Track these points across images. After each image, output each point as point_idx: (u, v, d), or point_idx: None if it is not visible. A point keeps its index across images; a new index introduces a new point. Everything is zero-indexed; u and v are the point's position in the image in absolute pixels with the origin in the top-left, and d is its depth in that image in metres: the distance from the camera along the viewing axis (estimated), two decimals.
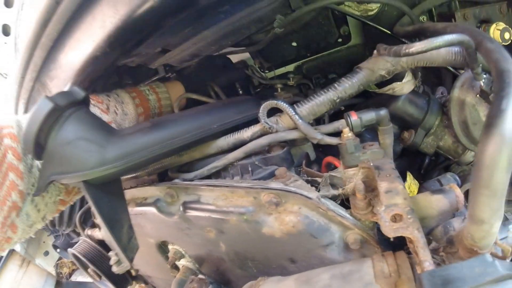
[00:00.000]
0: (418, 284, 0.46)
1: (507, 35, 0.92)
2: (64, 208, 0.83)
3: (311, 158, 0.91)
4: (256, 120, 0.88)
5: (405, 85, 0.93)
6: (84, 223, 1.48)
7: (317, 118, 0.91)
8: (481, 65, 0.71)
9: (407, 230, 0.51)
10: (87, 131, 0.67)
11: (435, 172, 1.17)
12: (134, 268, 1.23)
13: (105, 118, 0.86)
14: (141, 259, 1.02)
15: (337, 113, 1.20)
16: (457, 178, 0.98)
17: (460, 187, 0.94)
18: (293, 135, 0.84)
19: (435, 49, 0.67)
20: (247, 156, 0.87)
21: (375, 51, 0.83)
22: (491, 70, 0.54)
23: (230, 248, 0.85)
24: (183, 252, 0.99)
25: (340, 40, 1.18)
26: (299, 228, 0.70)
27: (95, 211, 0.69)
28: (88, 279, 1.57)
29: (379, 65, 0.82)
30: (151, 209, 0.91)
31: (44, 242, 2.29)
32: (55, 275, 2.33)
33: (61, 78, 0.81)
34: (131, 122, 0.94)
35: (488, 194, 0.42)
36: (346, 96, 0.84)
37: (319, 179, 0.77)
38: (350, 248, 0.68)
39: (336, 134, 0.81)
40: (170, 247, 1.01)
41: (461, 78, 0.93)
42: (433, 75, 1.25)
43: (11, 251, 2.21)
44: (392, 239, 0.55)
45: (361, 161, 0.72)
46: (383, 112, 0.81)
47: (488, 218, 0.43)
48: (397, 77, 0.90)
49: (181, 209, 0.85)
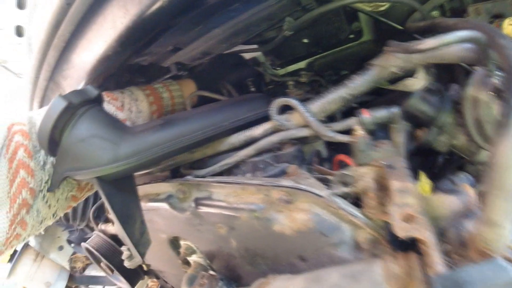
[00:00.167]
0: (428, 287, 0.46)
1: None
2: (75, 204, 0.84)
3: (323, 155, 0.90)
4: (267, 118, 0.88)
5: (417, 81, 0.91)
6: (98, 218, 1.52)
7: (329, 116, 0.90)
8: (494, 61, 0.70)
9: (418, 231, 0.51)
10: (100, 129, 0.69)
11: (448, 171, 1.15)
12: (146, 263, 1.24)
13: (120, 115, 0.87)
14: (153, 254, 1.03)
15: (349, 110, 1.19)
16: (470, 178, 0.96)
17: (474, 187, 0.93)
18: (304, 132, 0.83)
19: (446, 46, 0.66)
20: (258, 153, 0.87)
21: (385, 48, 0.82)
22: (503, 67, 0.53)
23: (240, 245, 0.86)
24: (194, 248, 1.00)
25: (352, 36, 1.17)
26: (309, 226, 0.70)
27: (108, 207, 0.70)
28: (101, 273, 1.61)
29: (390, 62, 0.81)
30: (164, 205, 0.92)
31: (59, 237, 2.33)
32: (69, 269, 2.38)
33: (74, 77, 0.83)
34: (145, 120, 0.95)
35: (502, 196, 0.41)
36: (358, 93, 0.83)
37: (330, 177, 0.76)
38: (361, 247, 0.67)
39: (348, 132, 0.81)
40: (182, 242, 1.02)
41: (475, 75, 0.91)
42: (446, 71, 1.23)
43: (26, 245, 2.25)
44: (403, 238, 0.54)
45: (373, 160, 0.71)
46: (395, 110, 0.80)
47: (501, 220, 0.43)
48: (409, 73, 0.89)
49: (193, 205, 0.86)
